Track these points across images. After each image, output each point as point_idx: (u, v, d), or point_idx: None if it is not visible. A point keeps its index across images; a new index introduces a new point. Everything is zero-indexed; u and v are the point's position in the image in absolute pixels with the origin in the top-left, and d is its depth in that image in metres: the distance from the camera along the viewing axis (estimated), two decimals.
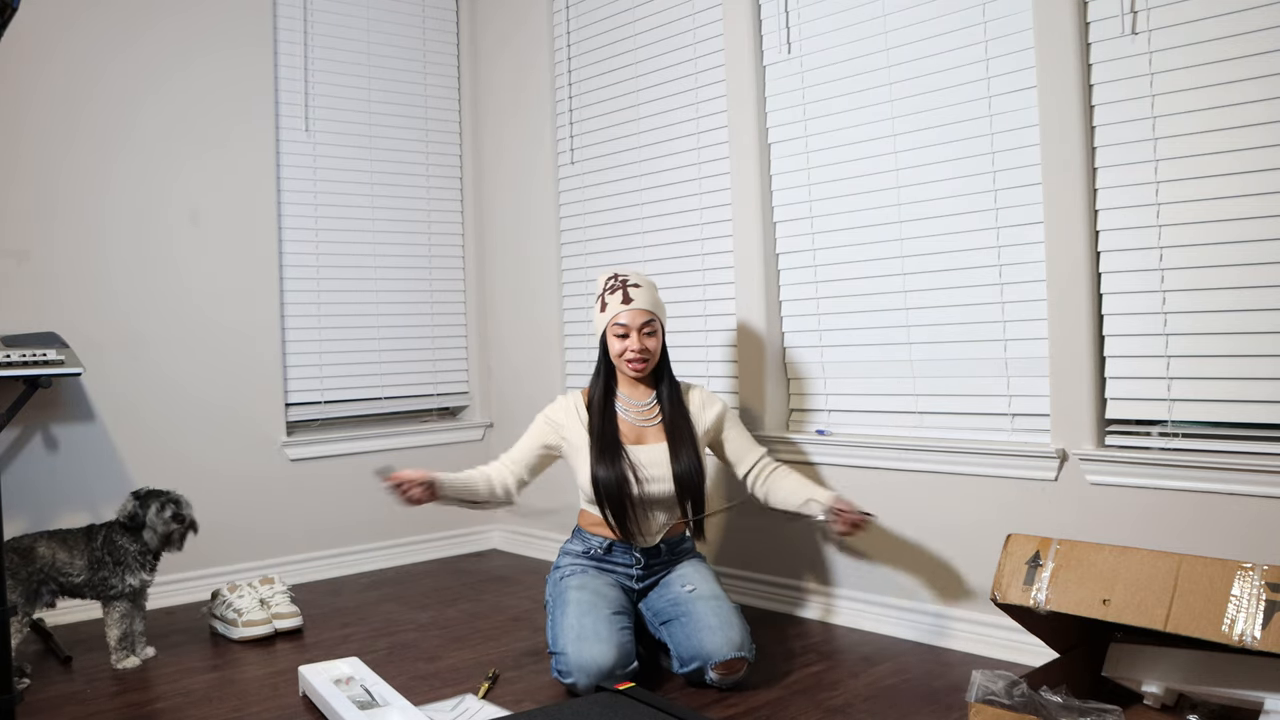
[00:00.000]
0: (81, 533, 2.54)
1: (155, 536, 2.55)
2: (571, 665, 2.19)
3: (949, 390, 2.57)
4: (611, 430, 2.45)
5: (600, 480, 2.40)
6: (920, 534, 2.59)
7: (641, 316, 2.45)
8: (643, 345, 2.45)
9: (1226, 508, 2.06)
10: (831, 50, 2.77)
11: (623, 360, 2.47)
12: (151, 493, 2.58)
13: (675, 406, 2.50)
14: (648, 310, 2.46)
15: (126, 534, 2.54)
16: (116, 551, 2.52)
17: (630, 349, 2.45)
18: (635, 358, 2.45)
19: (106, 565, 2.50)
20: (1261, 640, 1.51)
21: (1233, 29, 2.04)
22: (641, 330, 2.45)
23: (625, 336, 2.46)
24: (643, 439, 2.48)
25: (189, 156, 3.26)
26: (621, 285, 2.48)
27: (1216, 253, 2.09)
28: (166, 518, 2.55)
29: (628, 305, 2.45)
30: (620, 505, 2.40)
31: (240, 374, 3.35)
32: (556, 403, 2.57)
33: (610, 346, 2.49)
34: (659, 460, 2.44)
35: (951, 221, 2.54)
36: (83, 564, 2.49)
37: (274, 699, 2.28)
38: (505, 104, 3.84)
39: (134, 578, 2.53)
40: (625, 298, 2.46)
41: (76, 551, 2.50)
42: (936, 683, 2.26)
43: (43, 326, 2.96)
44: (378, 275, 3.71)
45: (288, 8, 3.49)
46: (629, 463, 2.41)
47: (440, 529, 3.80)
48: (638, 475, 2.41)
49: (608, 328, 2.48)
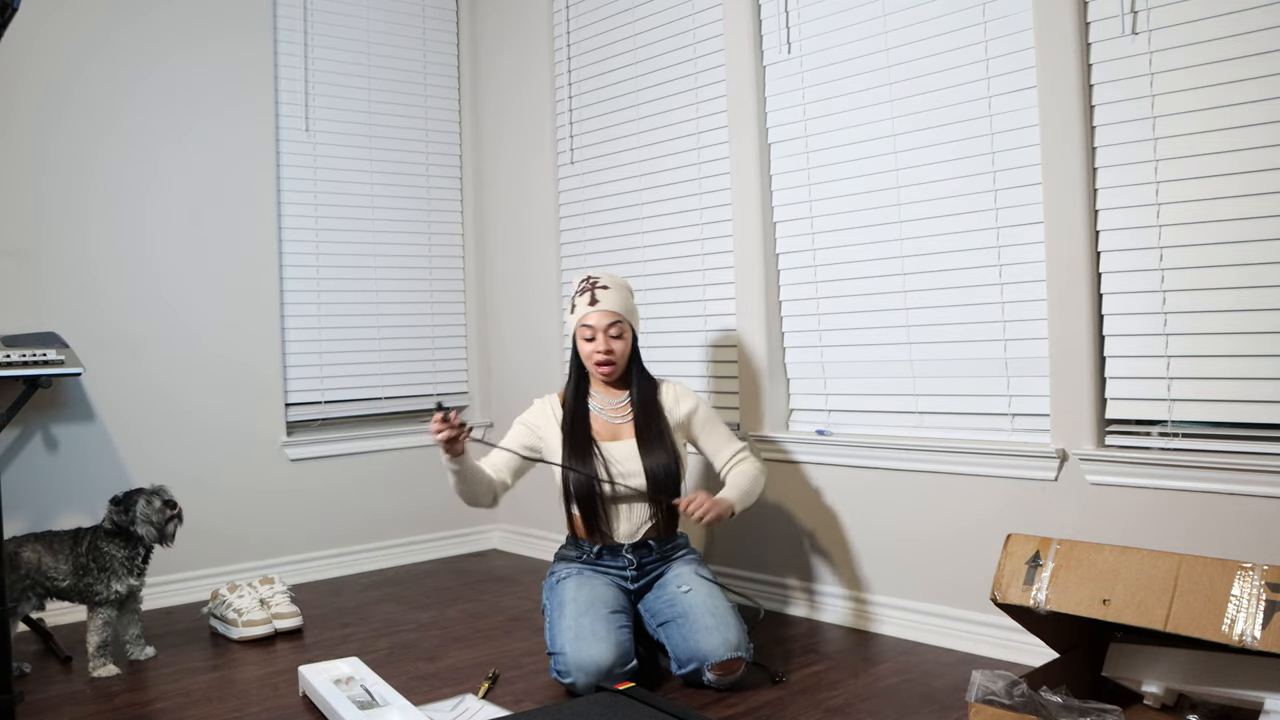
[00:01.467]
0: (68, 536, 2.51)
1: (152, 529, 2.52)
2: (570, 665, 2.19)
3: (949, 390, 2.57)
4: (583, 429, 2.46)
5: (571, 481, 2.41)
6: (920, 534, 2.59)
7: (607, 318, 2.46)
8: (609, 347, 2.45)
9: (1227, 508, 2.06)
10: (831, 50, 2.77)
11: (590, 362, 2.47)
12: (131, 492, 2.55)
13: (647, 403, 2.50)
14: (614, 312, 2.46)
15: (115, 540, 2.50)
16: (102, 558, 2.48)
17: (596, 350, 2.45)
18: (602, 359, 2.45)
19: (91, 571, 2.47)
20: (1261, 640, 1.51)
21: (1233, 29, 2.04)
22: (607, 331, 2.46)
23: (592, 339, 2.46)
24: (617, 435, 2.48)
25: (189, 156, 3.26)
26: (590, 287, 2.49)
27: (1216, 253, 2.09)
28: (158, 507, 2.52)
29: (594, 307, 2.46)
30: (590, 503, 2.40)
31: (240, 374, 3.35)
32: (533, 406, 2.57)
33: (579, 348, 2.50)
34: (633, 455, 2.44)
35: (951, 221, 2.54)
36: (67, 569, 2.46)
37: (274, 699, 2.28)
38: (505, 104, 3.84)
39: (120, 584, 2.49)
40: (592, 299, 2.47)
41: (62, 556, 2.47)
42: (936, 683, 2.26)
43: (43, 326, 2.96)
44: (378, 275, 3.71)
45: (288, 8, 3.49)
46: (600, 460, 2.42)
47: (440, 529, 3.80)
48: (610, 473, 2.41)
49: (576, 329, 2.49)
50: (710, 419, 2.56)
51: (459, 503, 3.82)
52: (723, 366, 3.08)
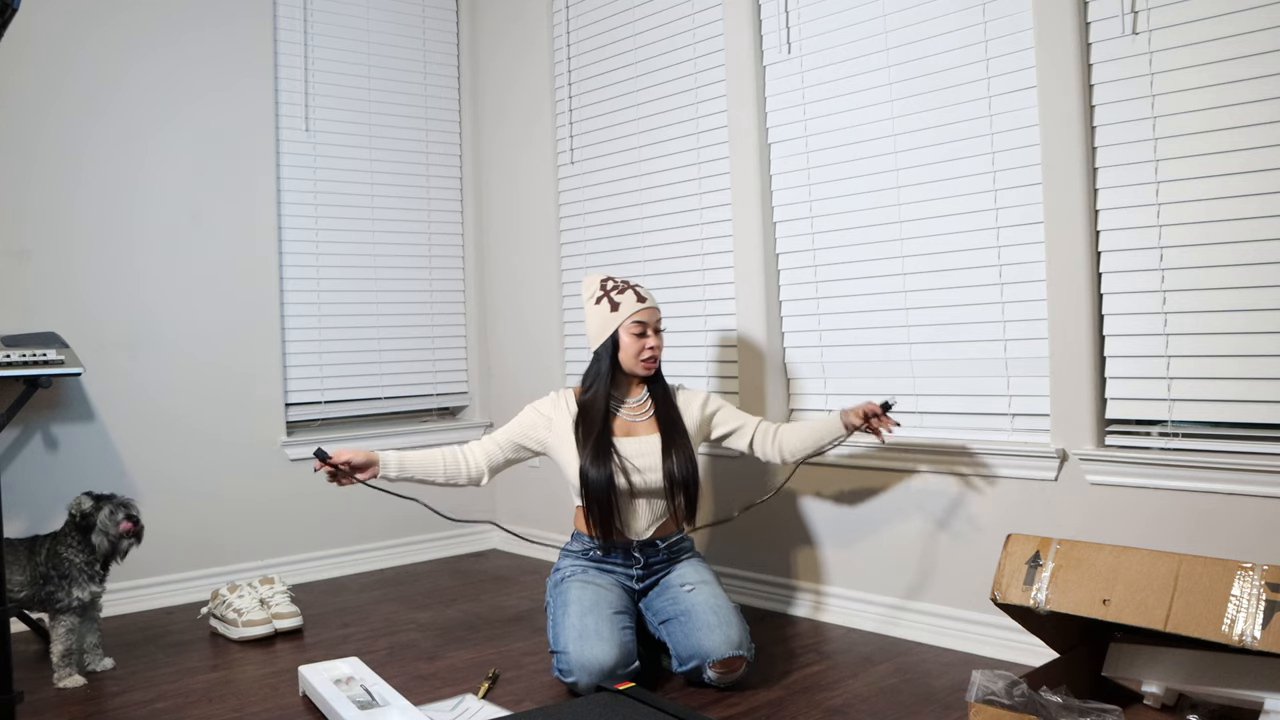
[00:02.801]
0: (24, 544, 2.42)
1: (105, 540, 2.42)
2: (573, 664, 2.19)
3: (949, 390, 2.57)
4: (605, 429, 2.46)
5: (589, 477, 2.41)
6: (920, 534, 2.59)
7: (657, 315, 2.50)
8: (659, 343, 2.49)
9: (1227, 508, 2.06)
10: (831, 50, 2.77)
11: (638, 359, 2.47)
12: (103, 496, 2.47)
13: (667, 402, 2.51)
14: (659, 310, 2.53)
15: (73, 545, 2.41)
16: (61, 564, 2.39)
17: (648, 346, 2.46)
18: (651, 355, 2.47)
19: (52, 579, 2.38)
20: (1261, 640, 1.51)
21: (1233, 29, 2.04)
22: (656, 327, 2.49)
23: (643, 335, 2.47)
24: (632, 432, 2.49)
25: (189, 155, 3.26)
26: (628, 285, 2.50)
27: (1217, 253, 2.09)
28: (119, 519, 2.43)
29: (644, 304, 2.48)
30: (606, 503, 2.40)
31: (240, 374, 3.35)
32: (547, 397, 2.57)
33: (625, 346, 2.47)
34: (648, 451, 2.44)
35: (951, 221, 2.54)
36: (23, 579, 2.37)
37: (274, 699, 2.28)
38: (505, 104, 3.84)
39: (82, 591, 2.40)
40: (639, 297, 2.48)
41: (17, 566, 2.36)
42: (936, 683, 2.26)
43: (43, 326, 2.96)
44: (378, 275, 3.71)
45: (288, 8, 3.49)
46: (617, 459, 2.42)
47: (440, 529, 3.80)
48: (625, 468, 2.41)
49: (623, 326, 2.47)
50: (723, 402, 2.61)
51: (459, 503, 3.85)
52: (723, 366, 3.08)
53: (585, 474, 2.41)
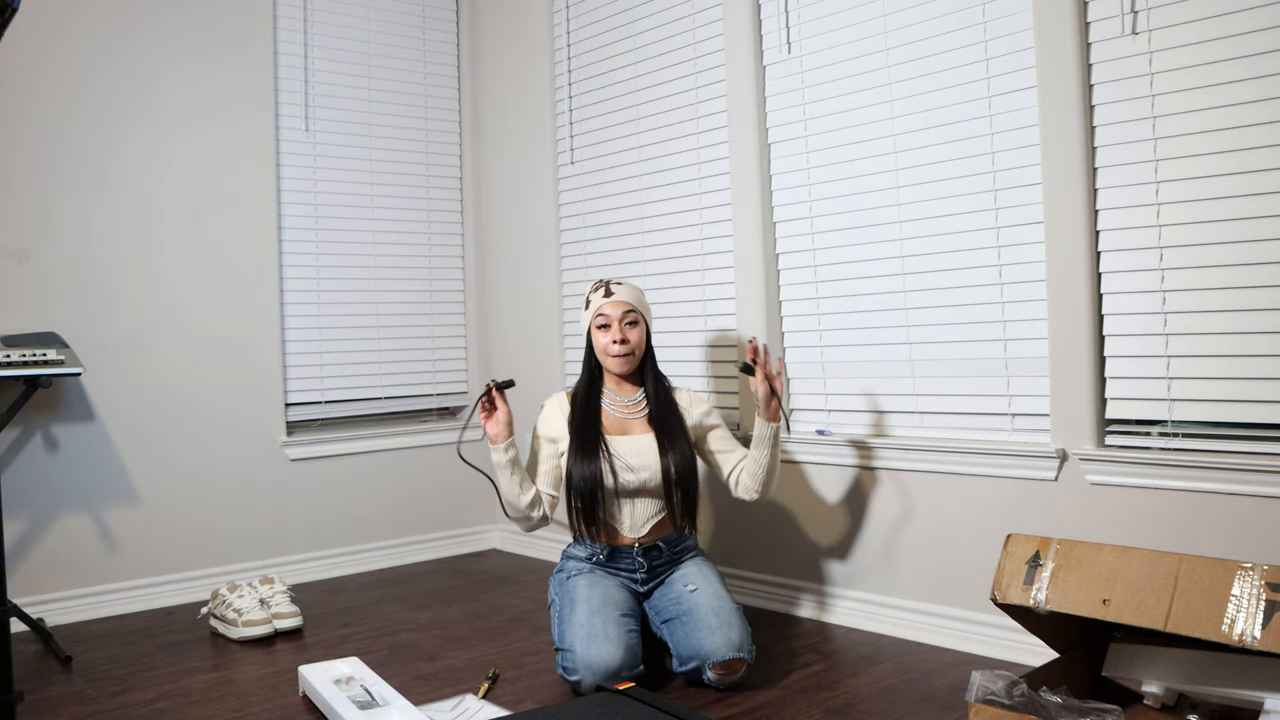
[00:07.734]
0: None
1: None
2: (579, 663, 2.19)
3: (949, 390, 2.57)
4: (592, 425, 2.45)
5: (574, 475, 2.41)
6: (920, 534, 2.59)
7: (622, 307, 2.47)
8: (624, 335, 2.45)
9: (1226, 508, 2.06)
10: (831, 50, 2.77)
11: (606, 354, 2.47)
12: None
13: (664, 401, 2.50)
14: (628, 302, 2.48)
15: None
16: None
17: (612, 339, 2.45)
18: (619, 351, 2.45)
19: None
20: (1261, 640, 1.51)
21: (1232, 29, 2.04)
22: (622, 320, 2.46)
23: (607, 328, 2.46)
24: (627, 430, 2.48)
25: (189, 156, 3.26)
26: (604, 284, 2.51)
27: (1216, 253, 2.09)
28: None
29: (609, 298, 2.47)
30: (589, 497, 2.39)
31: (240, 374, 3.35)
32: (545, 411, 2.56)
33: (594, 342, 2.50)
34: (641, 450, 2.44)
35: (951, 221, 2.54)
36: None
37: (274, 699, 2.28)
38: (505, 104, 3.84)
39: None
40: (607, 292, 2.48)
41: None
42: (936, 683, 2.26)
43: (43, 326, 2.96)
44: (378, 275, 3.71)
45: (288, 8, 3.49)
46: (606, 455, 2.42)
47: (440, 529, 3.80)
48: (614, 466, 2.41)
49: (591, 323, 2.49)
50: (722, 423, 2.58)
51: (459, 502, 3.86)
52: (723, 367, 3.08)
53: (570, 469, 2.41)
